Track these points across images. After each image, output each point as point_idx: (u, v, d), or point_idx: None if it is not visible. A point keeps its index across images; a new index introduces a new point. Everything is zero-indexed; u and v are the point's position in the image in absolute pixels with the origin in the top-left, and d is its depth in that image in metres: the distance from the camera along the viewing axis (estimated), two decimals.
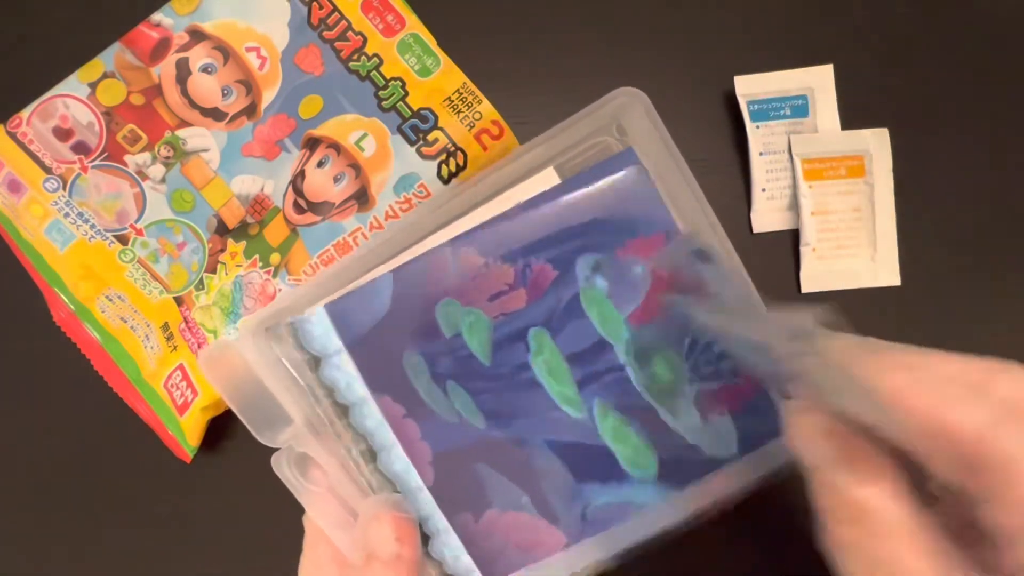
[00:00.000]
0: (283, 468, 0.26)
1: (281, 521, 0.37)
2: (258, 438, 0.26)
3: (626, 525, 0.27)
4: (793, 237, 0.37)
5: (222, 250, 0.35)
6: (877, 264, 0.37)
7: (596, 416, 0.26)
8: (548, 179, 0.27)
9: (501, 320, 0.26)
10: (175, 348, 0.35)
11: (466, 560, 0.26)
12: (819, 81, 0.37)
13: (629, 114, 0.26)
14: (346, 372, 0.26)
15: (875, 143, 0.37)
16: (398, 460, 0.26)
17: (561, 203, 0.26)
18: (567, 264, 0.26)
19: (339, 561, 0.26)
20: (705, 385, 0.26)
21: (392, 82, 0.36)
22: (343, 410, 0.26)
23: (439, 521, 0.26)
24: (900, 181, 0.37)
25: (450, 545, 0.27)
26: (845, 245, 0.37)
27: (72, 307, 0.35)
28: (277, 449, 0.26)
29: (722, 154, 0.38)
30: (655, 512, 0.26)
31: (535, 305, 0.26)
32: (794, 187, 0.37)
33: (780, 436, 0.25)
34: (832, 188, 0.37)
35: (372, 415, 0.26)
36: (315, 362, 0.26)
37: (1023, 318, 0.37)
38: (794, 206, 0.37)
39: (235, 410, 0.26)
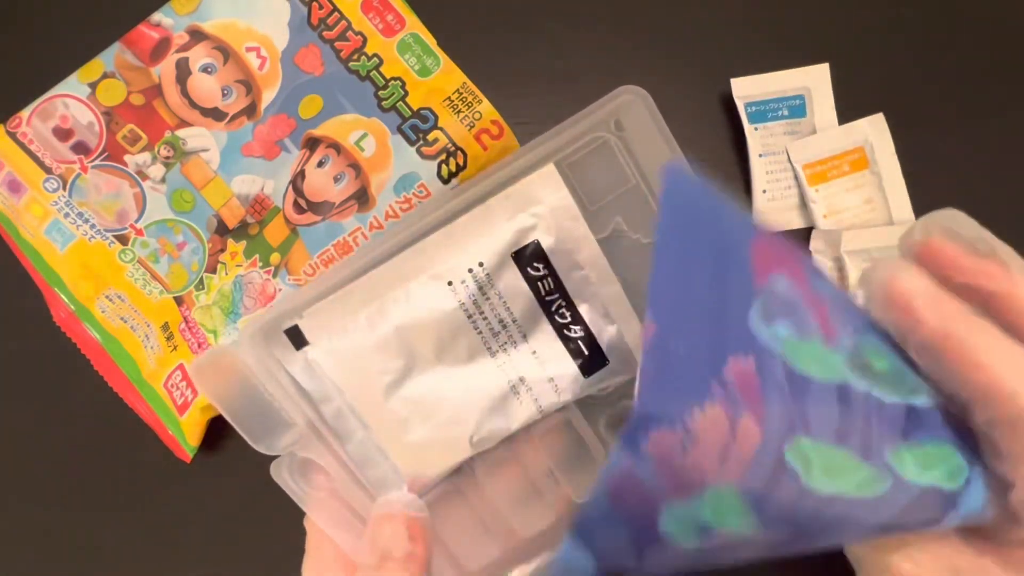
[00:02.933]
0: (283, 474, 0.26)
1: (281, 521, 0.37)
2: (255, 447, 0.26)
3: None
4: (795, 237, 0.38)
5: (222, 250, 0.35)
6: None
7: (895, 467, 0.20)
8: (549, 176, 0.26)
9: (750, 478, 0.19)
10: (175, 348, 0.36)
11: None
12: (815, 80, 0.37)
13: (631, 111, 0.26)
14: None
15: (873, 131, 0.37)
16: None
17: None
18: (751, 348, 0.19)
19: (344, 562, 0.26)
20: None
21: (392, 82, 0.36)
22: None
23: None
24: (905, 172, 0.37)
25: None
26: (860, 239, 0.36)
27: (72, 307, 0.35)
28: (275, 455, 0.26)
29: (721, 156, 0.38)
30: None
31: (770, 413, 0.18)
32: (799, 192, 0.37)
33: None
34: (839, 187, 0.37)
35: None
36: None
37: None
38: (796, 207, 0.37)
39: (230, 419, 0.25)
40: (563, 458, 0.28)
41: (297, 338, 0.27)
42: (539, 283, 0.27)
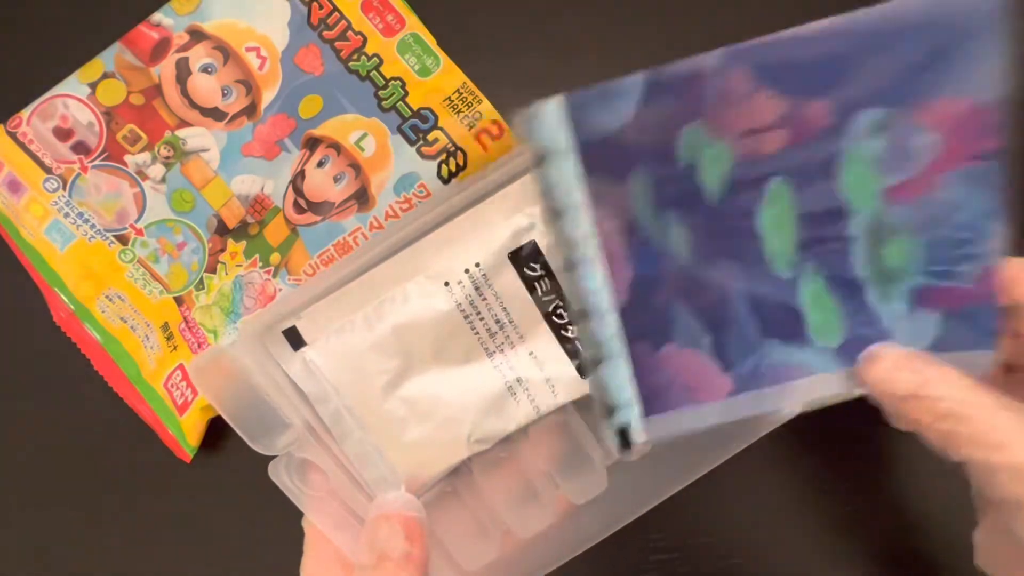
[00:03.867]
0: (281, 475, 0.26)
1: (281, 521, 0.37)
2: (253, 447, 0.26)
3: (791, 385, 0.25)
4: None
5: (222, 250, 0.35)
6: None
7: (801, 279, 0.25)
8: None
9: (745, 161, 0.23)
10: (175, 348, 0.36)
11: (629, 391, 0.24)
12: None
13: None
14: (567, 174, 0.23)
15: None
16: (595, 277, 0.24)
17: (871, 22, 0.22)
18: (847, 113, 0.23)
19: (342, 563, 0.26)
20: (931, 281, 0.24)
21: (392, 82, 0.36)
22: (553, 215, 0.24)
23: (614, 346, 0.24)
24: None
25: (616, 375, 0.24)
26: None
27: (72, 307, 0.35)
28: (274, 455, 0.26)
29: None
30: (821, 382, 0.25)
31: (789, 152, 0.23)
32: None
33: (979, 350, 0.24)
34: None
35: (582, 225, 0.23)
36: (538, 160, 0.23)
37: None
38: None
39: (229, 419, 0.25)
40: (560, 460, 0.28)
41: (295, 339, 0.27)
42: (536, 283, 0.27)
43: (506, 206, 0.27)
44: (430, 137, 0.36)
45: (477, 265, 0.27)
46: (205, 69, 0.36)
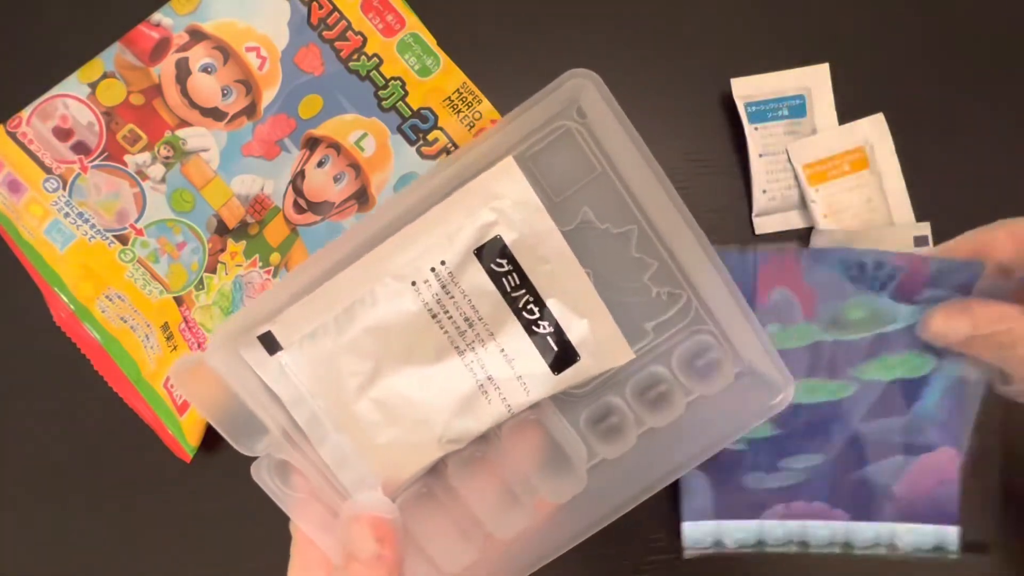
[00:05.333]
0: (263, 476, 0.26)
1: (281, 521, 0.37)
2: (237, 448, 0.26)
3: None
4: (796, 237, 0.38)
5: (222, 250, 0.35)
6: (899, 247, 0.36)
7: (858, 376, 0.33)
8: (508, 169, 0.26)
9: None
10: (175, 348, 0.36)
11: None
12: (816, 80, 0.37)
13: (585, 96, 0.26)
14: None
15: (873, 131, 0.37)
16: None
17: None
18: None
19: (327, 565, 0.26)
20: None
21: (392, 82, 0.36)
22: None
23: None
24: (905, 172, 0.37)
25: None
26: (862, 241, 0.37)
27: (72, 307, 0.35)
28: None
29: (721, 155, 0.38)
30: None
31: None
32: (799, 192, 0.37)
33: None
34: (839, 187, 0.37)
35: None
36: None
37: None
38: (796, 207, 0.37)
39: (212, 422, 0.26)
40: (538, 459, 0.28)
41: (271, 343, 0.26)
42: (504, 279, 0.27)
43: (468, 201, 0.26)
44: (430, 137, 0.36)
45: (443, 263, 0.26)
46: (205, 69, 0.36)
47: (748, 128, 0.37)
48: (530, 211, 0.26)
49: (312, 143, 0.36)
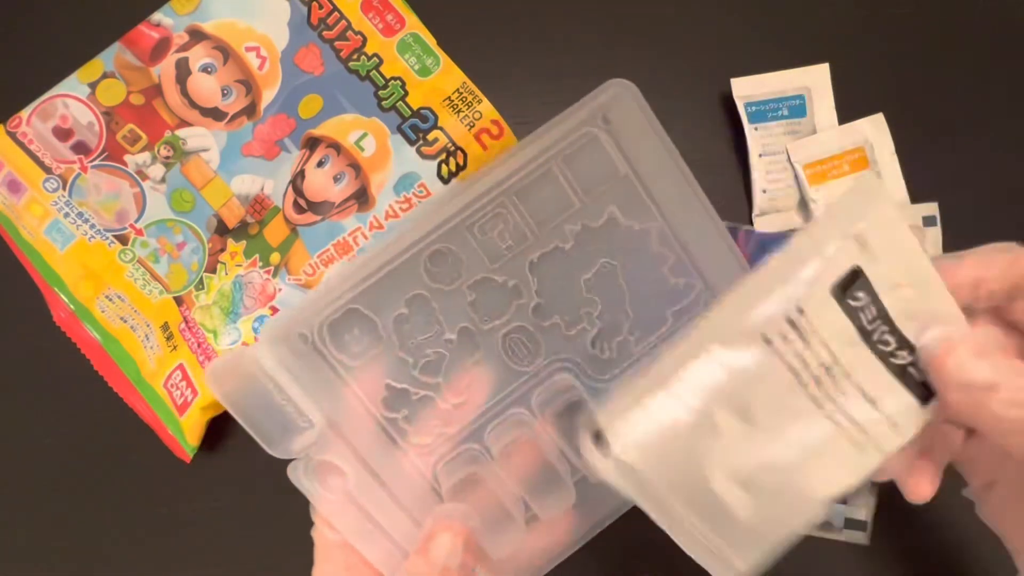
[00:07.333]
0: (300, 478, 0.26)
1: (281, 521, 0.37)
2: (270, 451, 0.25)
3: None
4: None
5: (222, 250, 0.35)
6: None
7: None
8: (867, 191, 0.23)
9: None
10: (175, 348, 0.36)
11: None
12: (815, 80, 0.37)
13: (618, 105, 0.27)
14: None
15: (873, 131, 0.37)
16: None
17: None
18: None
19: (354, 571, 0.26)
20: None
21: (392, 82, 0.36)
22: None
23: None
24: (905, 172, 0.37)
25: None
26: None
27: (72, 307, 0.35)
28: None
29: (721, 155, 0.38)
30: None
31: None
32: (799, 192, 0.37)
33: None
34: (839, 187, 0.37)
35: None
36: None
37: None
38: (796, 207, 0.37)
39: (244, 424, 0.25)
40: (532, 481, 0.28)
41: (601, 440, 0.23)
42: (860, 313, 0.24)
43: (820, 235, 0.23)
44: (430, 137, 0.36)
45: (800, 311, 0.23)
46: (205, 69, 0.36)
47: (748, 128, 0.37)
48: (890, 231, 0.24)
49: (312, 143, 0.36)
